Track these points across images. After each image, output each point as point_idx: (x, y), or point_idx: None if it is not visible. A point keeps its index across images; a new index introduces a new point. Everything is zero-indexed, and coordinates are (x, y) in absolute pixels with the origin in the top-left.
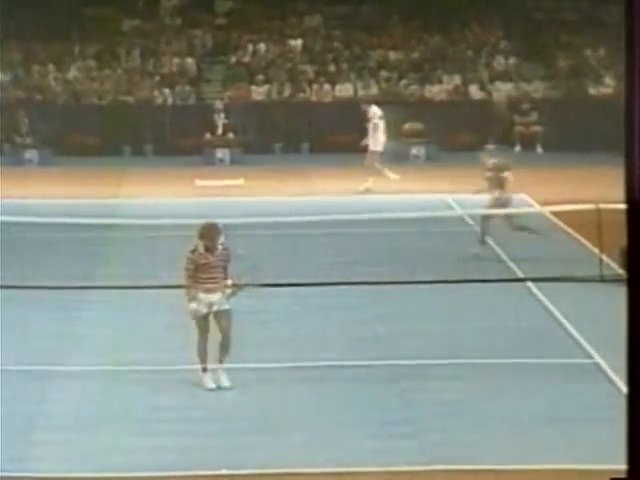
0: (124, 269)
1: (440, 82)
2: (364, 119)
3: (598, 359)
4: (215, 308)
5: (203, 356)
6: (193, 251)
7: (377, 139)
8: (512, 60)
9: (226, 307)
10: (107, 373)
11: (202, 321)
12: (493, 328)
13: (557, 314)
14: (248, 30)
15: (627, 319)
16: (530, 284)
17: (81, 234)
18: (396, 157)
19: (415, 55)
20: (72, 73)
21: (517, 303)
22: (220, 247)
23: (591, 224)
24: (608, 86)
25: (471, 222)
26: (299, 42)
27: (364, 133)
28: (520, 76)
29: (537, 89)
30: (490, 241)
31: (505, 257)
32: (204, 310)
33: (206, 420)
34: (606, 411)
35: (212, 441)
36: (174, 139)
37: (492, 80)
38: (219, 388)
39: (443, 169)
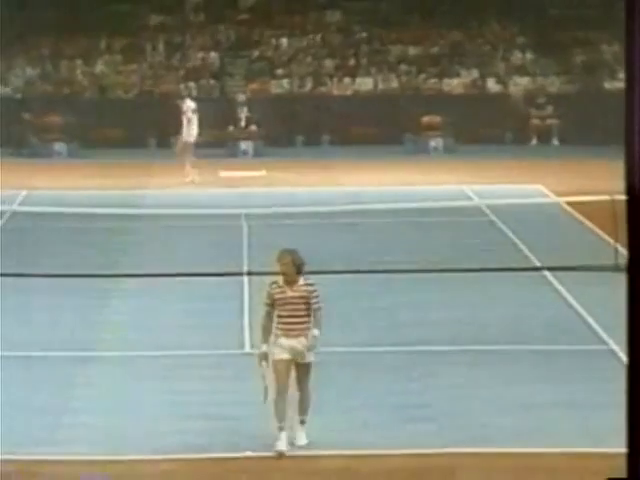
0: (150, 257)
1: (458, 76)
2: (385, 112)
3: (613, 345)
4: (297, 357)
5: (279, 413)
6: (272, 283)
7: (190, 131)
8: (529, 55)
9: (310, 359)
10: (136, 359)
11: (280, 367)
12: (510, 316)
13: (573, 302)
14: (270, 25)
15: (627, 309)
16: (546, 273)
17: (108, 224)
18: (415, 149)
19: (434, 50)
20: (99, 67)
21: (534, 292)
22: (302, 281)
23: (606, 215)
24: (623, 81)
25: (488, 212)
26: (320, 37)
27: (383, 125)
28: (536, 71)
29: (553, 83)
30: (508, 231)
31: (522, 246)
32: (285, 356)
33: (233, 404)
34: (620, 395)
35: (238, 424)
36: (198, 131)
37: (509, 74)
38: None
39: (461, 161)
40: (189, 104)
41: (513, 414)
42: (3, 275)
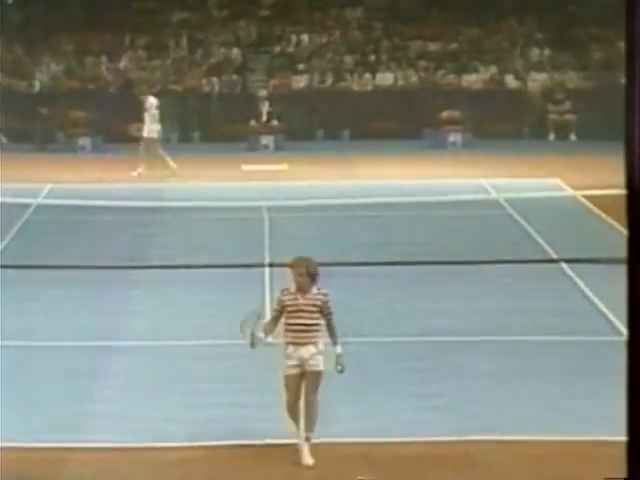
0: (173, 249)
1: (477, 72)
2: (404, 107)
3: None
4: (306, 365)
5: (295, 424)
6: (284, 290)
7: (153, 128)
8: (546, 51)
9: (320, 368)
10: (158, 348)
11: (289, 382)
12: (527, 307)
13: (589, 294)
14: (291, 21)
15: (627, 301)
16: (564, 265)
17: (132, 217)
18: (434, 144)
19: (453, 46)
20: (123, 63)
21: (550, 283)
22: (315, 290)
23: (622, 208)
24: None
25: (506, 205)
26: (340, 33)
27: (403, 120)
28: (554, 67)
29: (571, 79)
30: (525, 224)
31: (539, 239)
32: (295, 371)
33: (254, 392)
34: None
35: (259, 412)
36: (221, 126)
37: (527, 70)
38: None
39: (479, 155)
40: (152, 101)
41: (530, 403)
42: (27, 267)
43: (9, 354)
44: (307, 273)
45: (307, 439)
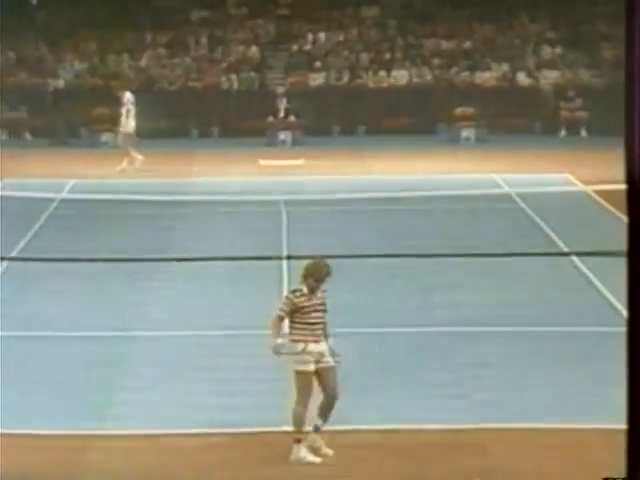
0: (193, 242)
1: (489, 70)
2: (418, 103)
3: None
4: (324, 361)
5: (300, 422)
6: (294, 291)
7: (129, 123)
8: (558, 49)
9: (334, 363)
10: (180, 338)
11: (308, 378)
12: (539, 299)
13: (599, 286)
14: (308, 20)
15: (627, 293)
16: (574, 258)
17: (152, 211)
18: (448, 139)
19: (466, 44)
20: (144, 61)
21: (561, 276)
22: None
23: None
24: None
25: (517, 199)
26: (356, 31)
27: (417, 116)
28: (566, 64)
29: (582, 77)
30: (536, 217)
31: (550, 232)
32: (311, 367)
33: (272, 380)
34: None
35: (277, 400)
36: (239, 122)
37: (539, 68)
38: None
39: (492, 151)
40: (128, 97)
41: (543, 392)
42: (51, 260)
43: (34, 344)
44: (326, 276)
45: (318, 429)
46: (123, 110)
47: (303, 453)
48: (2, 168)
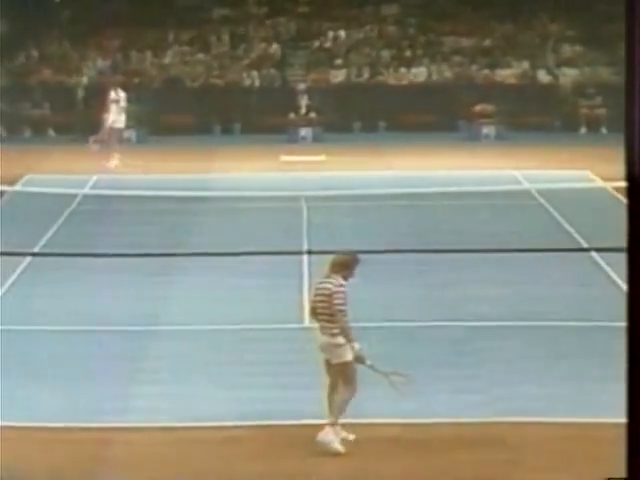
0: (215, 237)
1: (509, 67)
2: (439, 100)
3: None
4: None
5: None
6: (341, 286)
7: (121, 118)
8: (577, 47)
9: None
10: (201, 332)
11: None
12: (558, 294)
13: (618, 281)
14: (329, 18)
15: (627, 289)
16: (593, 254)
17: (175, 206)
18: (468, 136)
19: (486, 42)
20: (167, 58)
21: (581, 271)
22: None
23: None
24: None
25: (537, 196)
26: (376, 29)
27: (437, 113)
28: (585, 62)
29: (601, 75)
30: (556, 213)
31: (570, 228)
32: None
33: (293, 374)
34: None
35: (298, 393)
36: (260, 119)
37: (559, 66)
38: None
39: (512, 147)
40: (121, 94)
41: (560, 386)
42: (74, 255)
43: (56, 338)
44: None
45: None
46: (116, 106)
47: (331, 437)
48: (26, 165)
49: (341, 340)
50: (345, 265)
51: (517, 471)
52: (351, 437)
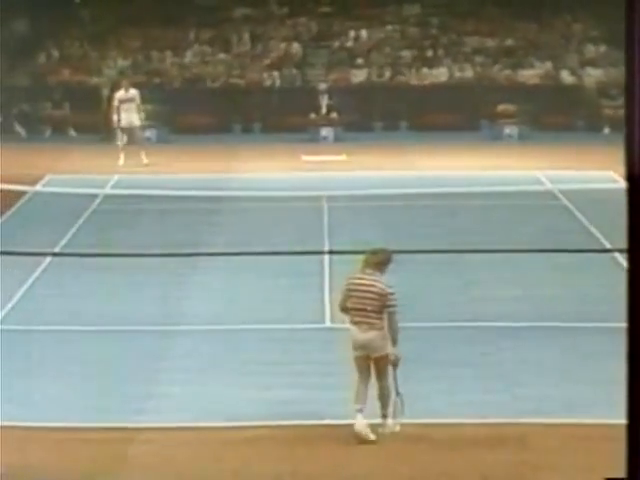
0: (236, 237)
1: (532, 67)
2: (461, 100)
3: None
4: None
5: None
6: (390, 285)
7: (136, 117)
8: (601, 48)
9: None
10: (221, 332)
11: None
12: (581, 295)
13: None
14: (350, 17)
15: (627, 290)
16: (617, 255)
17: (196, 205)
18: (490, 136)
19: (508, 42)
20: (187, 58)
21: (604, 272)
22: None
23: None
24: None
25: (560, 196)
26: (398, 29)
27: (459, 113)
28: (609, 63)
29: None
30: (579, 214)
31: (593, 229)
32: None
33: (314, 374)
34: None
35: (319, 393)
36: (281, 118)
37: (582, 66)
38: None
39: (534, 148)
40: (132, 92)
41: (583, 386)
42: (95, 255)
43: (77, 338)
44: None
45: (384, 416)
46: (125, 106)
47: (362, 425)
48: (46, 164)
49: (386, 334)
50: (385, 262)
51: (538, 472)
52: (372, 437)
